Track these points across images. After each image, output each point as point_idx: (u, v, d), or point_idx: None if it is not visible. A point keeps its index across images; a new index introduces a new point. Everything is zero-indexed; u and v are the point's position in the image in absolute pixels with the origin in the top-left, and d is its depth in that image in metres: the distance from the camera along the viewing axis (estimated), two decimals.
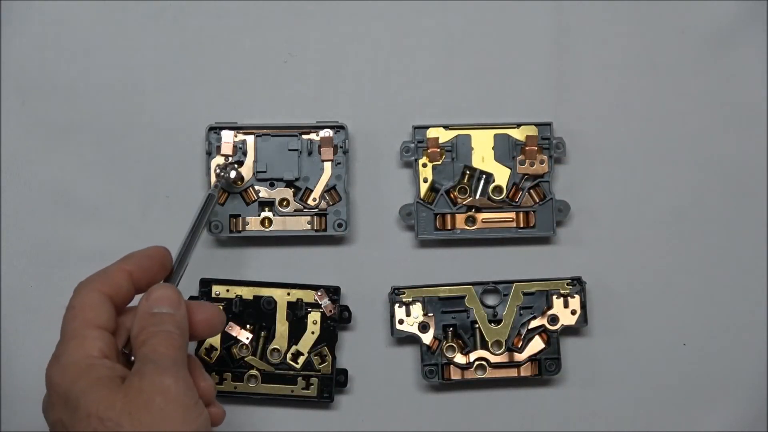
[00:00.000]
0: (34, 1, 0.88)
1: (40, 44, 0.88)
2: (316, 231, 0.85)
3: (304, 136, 0.85)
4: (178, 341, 0.67)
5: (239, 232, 0.85)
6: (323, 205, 0.85)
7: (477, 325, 0.84)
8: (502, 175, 0.86)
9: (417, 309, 0.84)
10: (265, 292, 0.84)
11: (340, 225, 0.85)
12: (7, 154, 0.87)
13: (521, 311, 0.84)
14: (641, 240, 0.87)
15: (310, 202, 0.85)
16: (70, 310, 0.67)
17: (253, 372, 0.83)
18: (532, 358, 0.84)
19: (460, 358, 0.84)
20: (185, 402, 0.64)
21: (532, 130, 0.86)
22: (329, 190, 0.85)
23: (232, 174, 0.83)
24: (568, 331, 0.84)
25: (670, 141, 0.88)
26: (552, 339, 0.84)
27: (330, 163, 0.85)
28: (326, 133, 0.85)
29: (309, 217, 0.85)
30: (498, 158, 0.86)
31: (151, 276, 0.71)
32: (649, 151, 0.87)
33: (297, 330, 0.84)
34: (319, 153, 0.85)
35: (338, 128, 0.85)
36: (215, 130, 0.85)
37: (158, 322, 0.67)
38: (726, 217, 0.87)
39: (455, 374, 0.84)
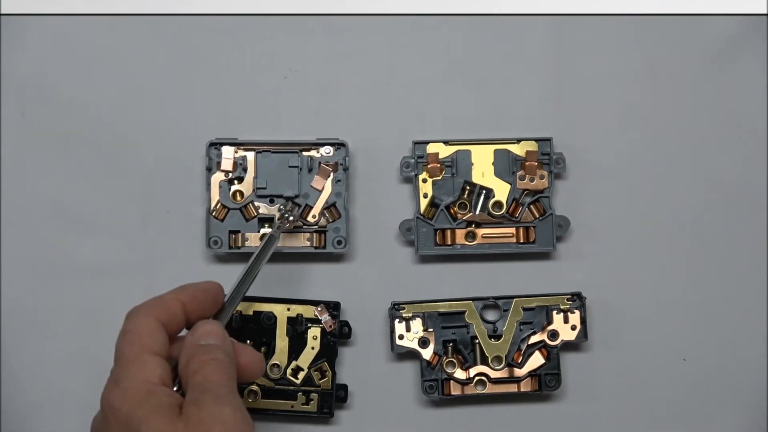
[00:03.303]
0: (34, 15, 0.88)
1: (40, 57, 0.88)
2: (316, 248, 0.85)
3: (305, 153, 0.86)
4: (229, 370, 0.66)
5: (239, 248, 0.85)
6: (323, 222, 0.85)
7: (477, 341, 0.84)
8: (502, 191, 0.86)
9: (417, 324, 0.84)
10: (265, 307, 0.84)
11: (339, 242, 0.85)
12: (7, 167, 0.87)
13: (521, 326, 0.84)
14: (641, 255, 0.87)
15: (309, 218, 0.85)
16: (127, 334, 0.67)
17: (253, 387, 0.83)
18: (532, 374, 0.84)
19: (460, 374, 0.84)
20: (244, 430, 0.63)
21: (532, 146, 0.86)
22: (329, 207, 0.85)
23: (296, 213, 0.83)
24: (568, 346, 0.84)
25: (671, 156, 0.88)
26: (552, 354, 0.84)
27: (329, 180, 0.85)
28: (326, 151, 0.85)
29: (309, 234, 0.85)
30: (498, 173, 0.86)
31: (203, 310, 0.71)
32: (650, 166, 0.87)
33: (297, 345, 0.84)
34: (318, 174, 0.85)
35: (339, 145, 0.86)
36: (216, 145, 0.85)
37: (207, 351, 0.67)
38: (726, 232, 0.87)
39: (455, 389, 0.84)
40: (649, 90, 0.88)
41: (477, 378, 0.84)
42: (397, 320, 0.84)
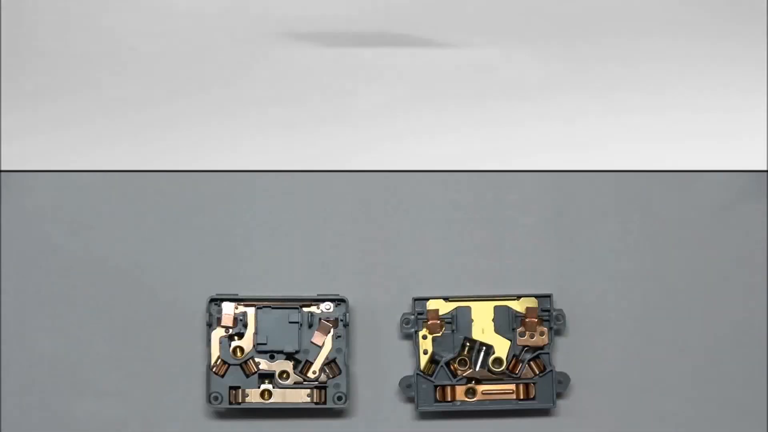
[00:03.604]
0: (34, 172, 0.88)
1: (40, 214, 0.88)
2: (316, 404, 0.85)
3: (305, 309, 0.86)
4: None
5: (239, 404, 0.84)
6: (323, 377, 0.85)
7: None
8: (502, 347, 0.86)
9: None
10: None
11: (339, 398, 0.85)
12: (6, 327, 0.87)
13: None
14: (643, 412, 0.86)
15: (310, 374, 0.85)
16: None
17: None
18: None
19: None
20: None
21: (532, 302, 0.86)
22: (329, 362, 0.85)
23: None
24: None
25: (672, 312, 0.87)
26: None
27: (330, 336, 0.85)
28: (327, 307, 0.86)
29: (309, 390, 0.85)
30: (498, 330, 0.86)
31: None
32: (650, 323, 0.87)
33: None
34: (319, 329, 0.86)
35: (339, 301, 0.86)
36: (216, 301, 0.86)
37: None
38: (728, 390, 0.86)
39: None
40: (650, 245, 0.88)
41: None
42: None
